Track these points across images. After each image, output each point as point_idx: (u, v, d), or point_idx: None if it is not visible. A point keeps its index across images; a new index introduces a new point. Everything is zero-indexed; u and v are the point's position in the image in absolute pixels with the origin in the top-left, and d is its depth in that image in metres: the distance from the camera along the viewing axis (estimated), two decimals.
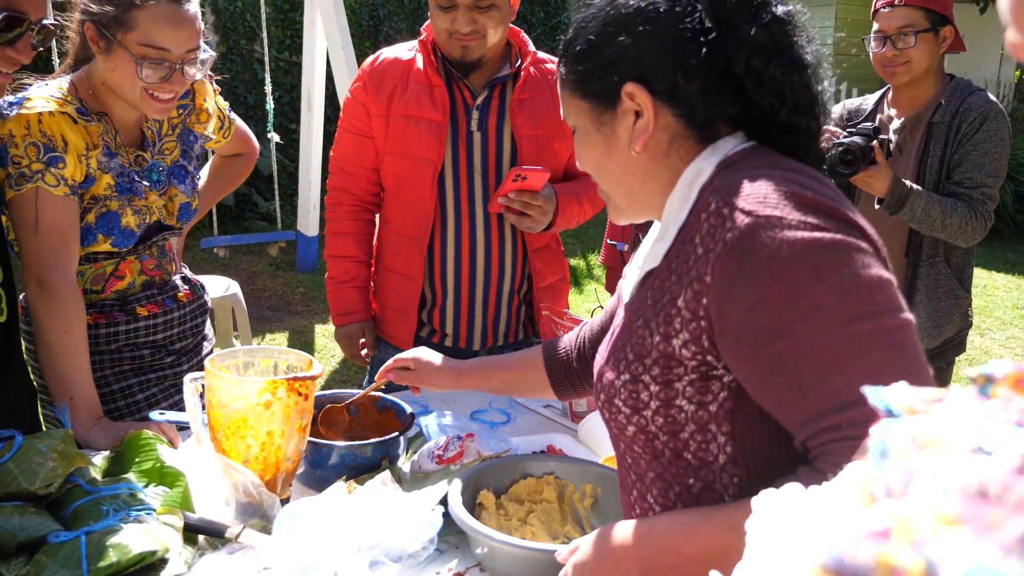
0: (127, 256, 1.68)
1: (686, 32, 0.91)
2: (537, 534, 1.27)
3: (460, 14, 1.81)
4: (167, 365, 1.78)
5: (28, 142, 1.50)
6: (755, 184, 0.85)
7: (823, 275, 0.79)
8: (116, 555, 1.08)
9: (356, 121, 2.00)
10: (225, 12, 7.16)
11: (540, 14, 9.14)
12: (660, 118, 0.94)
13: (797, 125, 0.93)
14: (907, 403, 0.44)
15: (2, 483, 1.17)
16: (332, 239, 2.11)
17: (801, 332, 0.79)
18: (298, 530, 1.14)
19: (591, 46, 0.96)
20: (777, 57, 0.90)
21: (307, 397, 1.31)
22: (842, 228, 0.82)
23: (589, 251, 6.88)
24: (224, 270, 5.63)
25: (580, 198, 2.00)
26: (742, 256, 0.82)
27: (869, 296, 0.79)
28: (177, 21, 1.52)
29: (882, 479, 0.40)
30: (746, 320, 0.82)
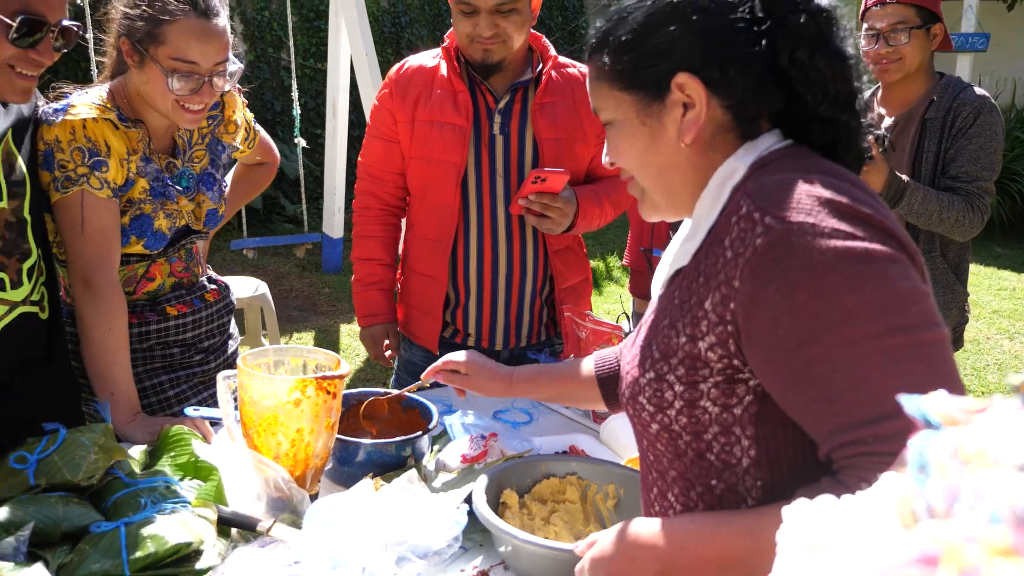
0: (157, 258, 1.74)
1: (739, 21, 0.89)
2: (560, 534, 1.29)
3: (482, 19, 1.84)
4: (196, 363, 1.83)
5: (74, 147, 1.56)
6: (788, 188, 0.83)
7: (855, 285, 0.77)
8: (154, 546, 1.12)
9: (383, 127, 2.04)
10: (253, 21, 7.26)
11: (558, 18, 9.17)
12: (710, 109, 0.92)
13: (838, 120, 0.92)
14: (946, 413, 0.41)
15: (47, 474, 1.22)
16: (359, 242, 2.15)
17: (830, 342, 0.78)
18: (327, 526, 1.18)
19: (637, 36, 0.93)
20: (823, 48, 0.89)
21: (335, 396, 1.35)
22: (878, 237, 0.80)
23: (609, 253, 6.88)
24: (253, 271, 5.71)
25: (601, 200, 2.01)
26: (772, 262, 0.80)
27: (902, 308, 0.77)
28: (206, 35, 1.56)
29: (923, 497, 0.38)
30: (774, 327, 0.81)
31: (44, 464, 1.25)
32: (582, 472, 1.41)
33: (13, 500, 1.19)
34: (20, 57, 1.35)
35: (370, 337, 2.15)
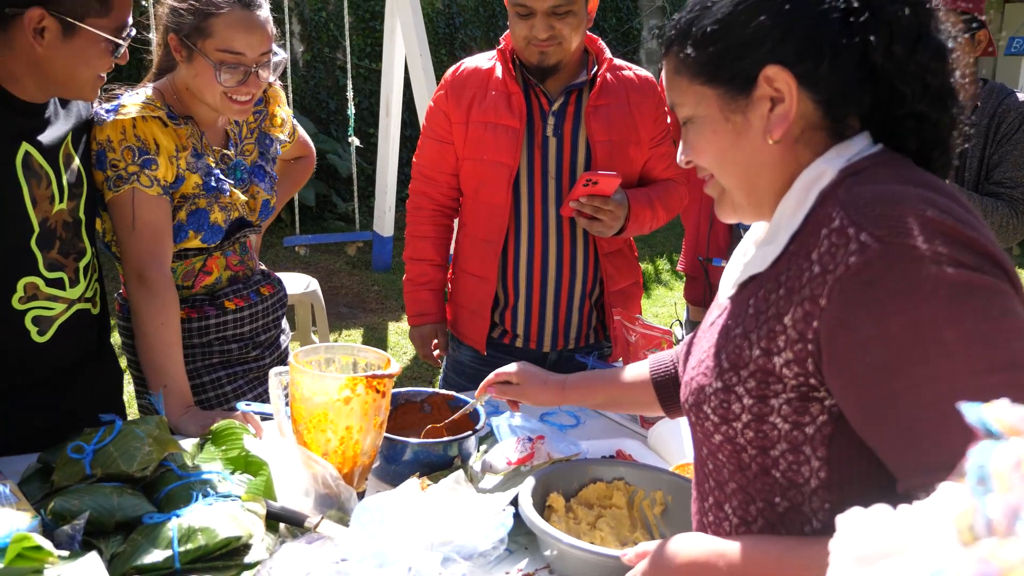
0: (213, 252, 1.78)
1: (832, 12, 0.84)
2: (606, 539, 1.27)
3: (538, 20, 1.85)
4: (252, 359, 1.86)
5: (124, 146, 1.60)
6: (887, 202, 0.78)
7: (956, 317, 0.72)
8: (204, 539, 1.13)
9: (438, 128, 2.05)
10: (311, 22, 7.38)
11: (612, 20, 9.11)
12: (800, 105, 0.87)
13: (934, 119, 0.86)
14: (1009, 422, 0.39)
15: (103, 464, 1.25)
16: (412, 242, 2.16)
17: (922, 375, 0.73)
18: (374, 524, 1.18)
19: (724, 26, 0.88)
20: (923, 41, 0.83)
21: (384, 394, 1.35)
22: (983, 265, 0.75)
23: (658, 256, 6.82)
24: (304, 268, 5.80)
25: (653, 204, 2.00)
26: (866, 284, 0.75)
27: (1006, 345, 0.72)
28: (250, 26, 1.61)
29: (982, 512, 0.37)
30: (861, 352, 0.76)
31: (100, 454, 1.28)
32: (629, 477, 1.39)
33: (70, 489, 1.22)
34: (106, 65, 1.43)
35: (419, 336, 2.16)
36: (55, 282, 1.51)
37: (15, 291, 1.45)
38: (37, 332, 1.50)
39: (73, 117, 1.57)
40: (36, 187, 1.45)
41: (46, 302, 1.50)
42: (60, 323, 1.53)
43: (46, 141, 1.48)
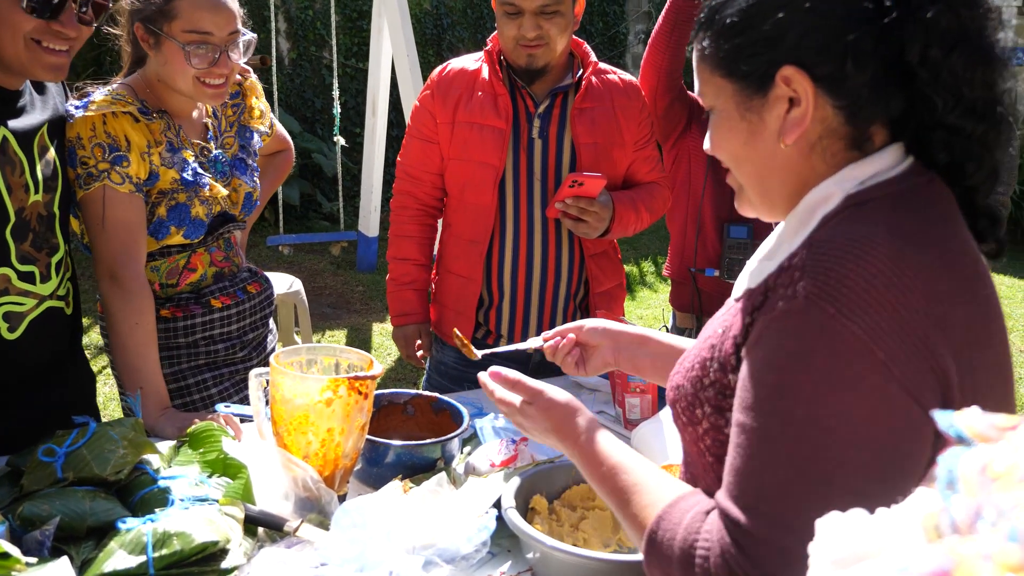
0: (197, 248, 1.75)
1: (860, 11, 0.78)
2: (589, 541, 1.26)
3: (526, 20, 1.85)
4: (239, 360, 1.84)
5: (94, 143, 1.57)
6: (844, 258, 0.74)
7: (815, 402, 0.73)
8: (180, 544, 1.11)
9: (423, 128, 2.04)
10: (297, 20, 7.34)
11: (599, 24, 9.13)
12: (818, 109, 0.82)
13: (967, 130, 0.79)
14: (978, 429, 0.42)
15: (75, 468, 1.22)
16: (395, 241, 2.15)
17: (756, 424, 0.77)
18: (355, 528, 1.16)
19: (746, 19, 0.83)
20: (962, 45, 0.76)
21: (367, 396, 1.33)
22: (889, 348, 0.72)
23: (643, 258, 6.83)
24: (288, 267, 5.75)
25: (637, 206, 2.01)
26: (776, 331, 0.77)
27: (828, 451, 0.73)
28: (215, 5, 1.60)
29: (948, 512, 0.39)
30: (743, 385, 0.79)
31: (72, 457, 1.25)
32: None
33: (40, 493, 1.19)
34: (43, 29, 1.34)
35: (403, 336, 2.14)
36: (26, 276, 1.48)
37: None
38: (7, 328, 1.46)
39: (50, 109, 1.53)
40: (10, 174, 1.42)
41: (17, 297, 1.46)
42: (31, 319, 1.49)
43: (20, 128, 1.44)
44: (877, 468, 0.72)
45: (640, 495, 0.88)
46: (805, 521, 0.69)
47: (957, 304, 0.76)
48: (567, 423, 1.02)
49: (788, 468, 0.73)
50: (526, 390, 1.08)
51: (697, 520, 0.81)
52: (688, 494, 0.86)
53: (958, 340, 0.75)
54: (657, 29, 2.23)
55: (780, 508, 0.73)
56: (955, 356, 0.75)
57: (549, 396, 1.06)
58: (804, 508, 0.72)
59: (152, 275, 1.69)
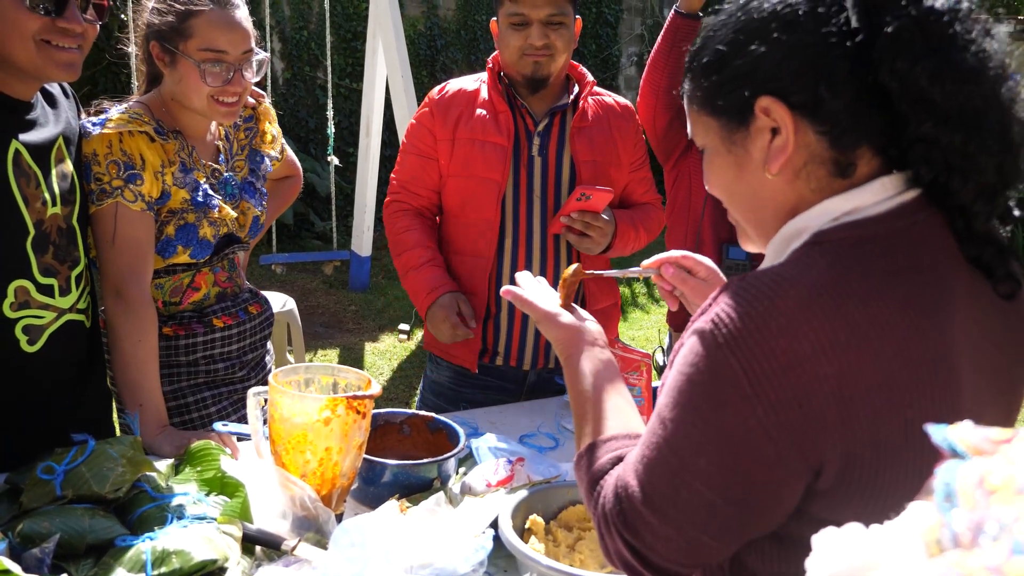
0: (202, 268, 1.76)
1: (830, 36, 0.79)
2: (585, 562, 1.27)
3: (534, 29, 1.89)
4: (238, 379, 1.84)
5: (109, 160, 1.58)
6: (764, 294, 0.76)
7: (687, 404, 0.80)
8: (179, 562, 1.11)
9: (421, 144, 2.04)
10: (291, 40, 7.39)
11: (592, 46, 9.22)
12: (800, 135, 0.82)
13: (949, 143, 0.77)
14: (972, 442, 0.42)
15: (74, 485, 1.22)
16: (396, 239, 2.07)
17: (655, 415, 0.84)
18: (354, 547, 1.16)
19: (720, 57, 0.86)
20: (927, 57, 0.75)
21: (365, 415, 1.34)
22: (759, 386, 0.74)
23: (634, 279, 6.85)
24: (280, 286, 5.76)
25: (637, 225, 2.03)
26: (683, 345, 0.83)
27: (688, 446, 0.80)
28: (230, 24, 1.62)
29: (949, 527, 0.39)
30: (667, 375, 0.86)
31: (71, 475, 1.25)
32: None
33: (39, 511, 1.19)
34: (50, 28, 1.35)
35: (440, 308, 1.93)
36: (46, 288, 1.48)
37: (6, 296, 1.43)
38: (27, 341, 1.47)
39: (63, 122, 1.54)
40: (25, 186, 1.43)
41: (37, 310, 1.47)
42: (50, 332, 1.49)
43: (33, 141, 1.45)
44: (719, 481, 0.78)
45: (590, 423, 0.99)
46: (660, 500, 0.81)
47: (864, 356, 0.74)
48: (568, 345, 1.10)
49: (658, 451, 0.82)
50: (535, 311, 1.17)
51: (610, 462, 0.92)
52: (619, 436, 0.96)
53: (852, 393, 0.74)
54: (656, 48, 2.27)
55: (647, 483, 0.83)
56: (841, 408, 0.74)
57: (558, 320, 1.14)
58: (661, 490, 0.81)
59: (156, 293, 1.70)
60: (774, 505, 0.79)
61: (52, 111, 1.53)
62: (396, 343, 5.27)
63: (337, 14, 7.36)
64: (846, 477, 0.77)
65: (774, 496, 0.79)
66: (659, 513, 0.81)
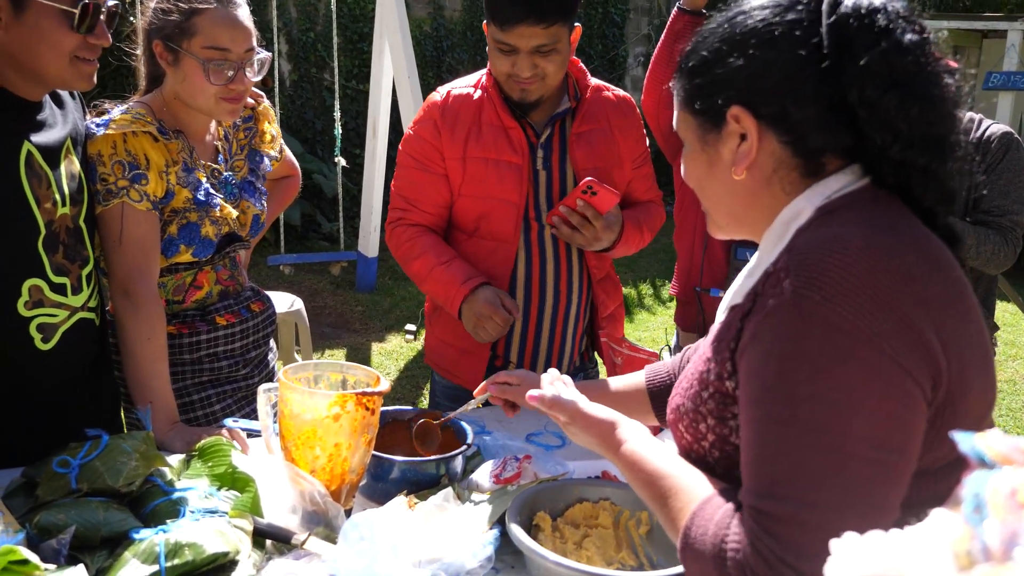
0: (204, 266, 1.78)
1: (802, 57, 0.87)
2: (592, 559, 1.28)
3: (521, 59, 1.79)
4: (241, 377, 1.86)
5: (115, 160, 1.60)
6: (823, 252, 0.81)
7: (815, 380, 0.78)
8: (191, 554, 1.13)
9: (428, 161, 1.95)
10: (298, 42, 7.42)
11: (598, 47, 9.24)
12: (765, 143, 0.91)
13: (913, 163, 0.86)
14: (1001, 452, 0.41)
15: (89, 479, 1.24)
16: (407, 247, 1.95)
17: (764, 415, 0.81)
18: (363, 541, 1.18)
19: (703, 63, 0.94)
20: (895, 88, 0.83)
21: (374, 412, 1.36)
22: (874, 324, 0.77)
23: (642, 280, 6.86)
24: (288, 287, 5.78)
25: (642, 227, 2.00)
26: (770, 326, 0.82)
27: (840, 418, 0.77)
28: (233, 22, 1.64)
29: (980, 539, 0.38)
30: (745, 382, 0.84)
31: (86, 469, 1.27)
32: (615, 498, 1.40)
33: (55, 504, 1.21)
34: (83, 45, 1.39)
35: (485, 304, 1.80)
36: (59, 287, 1.51)
37: (20, 295, 1.45)
38: (41, 339, 1.49)
39: (70, 123, 1.57)
40: (37, 187, 1.45)
41: (51, 309, 1.50)
42: (63, 331, 1.52)
43: (44, 142, 1.48)
44: (881, 434, 0.77)
45: (675, 498, 0.92)
46: (823, 493, 0.75)
47: (931, 284, 0.82)
48: (608, 438, 1.08)
49: (798, 446, 0.78)
50: (564, 410, 1.15)
51: (727, 516, 0.84)
52: (718, 492, 0.89)
53: (936, 315, 0.80)
54: (660, 44, 2.28)
55: (795, 486, 0.78)
56: (935, 330, 0.80)
57: (587, 414, 1.12)
58: (819, 480, 0.77)
59: (159, 292, 1.72)
60: (919, 439, 0.80)
61: (60, 112, 1.55)
62: (403, 343, 5.28)
63: (343, 15, 7.38)
64: (945, 403, 0.81)
65: (920, 433, 0.80)
66: (832, 508, 0.77)
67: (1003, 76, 6.46)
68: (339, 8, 6.73)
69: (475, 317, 1.82)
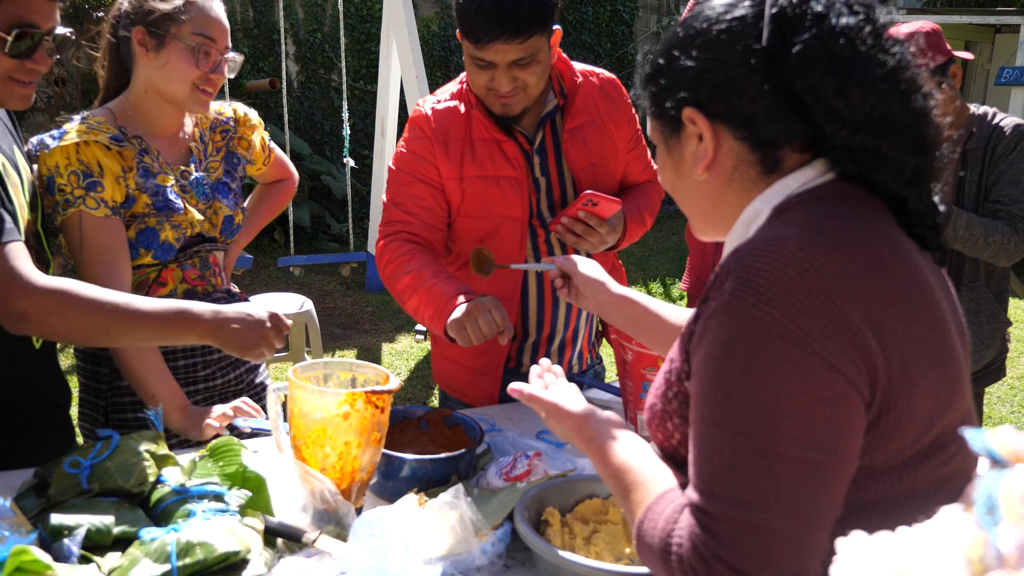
0: (169, 264, 1.77)
1: (745, 51, 0.87)
2: (602, 554, 1.28)
3: (499, 73, 1.71)
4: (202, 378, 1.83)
5: (70, 171, 1.62)
6: (761, 255, 0.81)
7: (747, 381, 0.79)
8: (203, 553, 1.13)
9: (428, 175, 1.86)
10: (305, 43, 7.44)
11: (607, 45, 9.23)
12: (723, 141, 0.92)
13: (863, 146, 0.85)
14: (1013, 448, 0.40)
15: (100, 479, 1.25)
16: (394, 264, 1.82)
17: (702, 415, 0.82)
18: (373, 538, 1.18)
19: (657, 69, 0.96)
20: (832, 72, 0.83)
21: (383, 410, 1.36)
22: (805, 325, 0.77)
23: (652, 279, 6.86)
24: (298, 288, 5.81)
25: (643, 215, 1.97)
26: (712, 327, 0.82)
27: (771, 420, 0.78)
28: (217, 17, 1.71)
29: (993, 544, 0.37)
30: (692, 382, 0.85)
31: (97, 470, 1.28)
32: None
33: (66, 504, 1.22)
34: (18, 68, 1.41)
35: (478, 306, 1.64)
36: None
37: None
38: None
39: (10, 134, 1.58)
40: (16, 195, 1.47)
41: None
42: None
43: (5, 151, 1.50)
44: (811, 435, 0.77)
45: (636, 492, 0.94)
46: (754, 494, 0.76)
47: (869, 282, 0.81)
48: (581, 431, 1.09)
49: (730, 446, 0.79)
50: (541, 405, 1.15)
51: (675, 512, 0.85)
52: (672, 488, 0.91)
53: (873, 314, 0.80)
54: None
55: (731, 487, 0.79)
56: (872, 329, 0.79)
57: (562, 408, 1.13)
58: (750, 481, 0.78)
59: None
60: (855, 438, 0.80)
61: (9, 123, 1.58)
62: (413, 343, 5.29)
63: (351, 16, 7.40)
64: (887, 403, 0.80)
65: (856, 432, 0.80)
66: (761, 509, 0.77)
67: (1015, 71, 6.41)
68: (346, 8, 6.75)
69: (467, 313, 1.64)
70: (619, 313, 1.48)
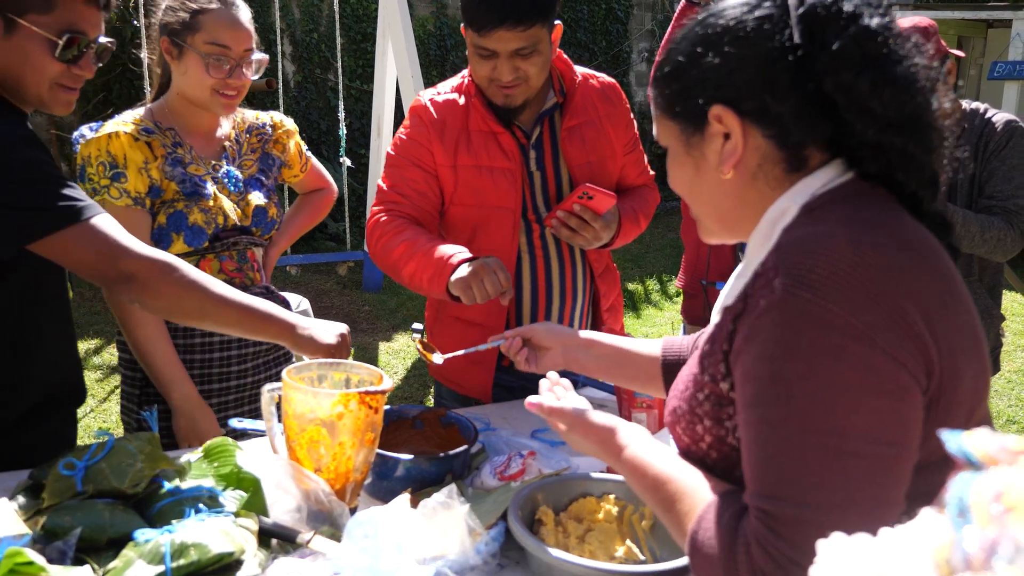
0: (206, 254, 1.82)
1: (775, 50, 0.87)
2: (595, 553, 1.28)
3: (501, 63, 1.75)
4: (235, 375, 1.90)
5: (99, 161, 1.74)
6: (810, 250, 0.81)
7: (810, 377, 0.78)
8: (197, 554, 1.13)
9: (422, 161, 1.89)
10: (302, 43, 7.44)
11: (602, 43, 9.23)
12: (750, 139, 0.91)
13: (891, 145, 0.87)
14: (988, 452, 0.40)
15: (94, 481, 1.25)
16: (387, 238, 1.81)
17: (762, 417, 0.81)
18: (367, 539, 1.19)
19: (678, 67, 0.95)
20: (867, 70, 0.84)
21: (377, 410, 1.36)
22: (865, 319, 0.77)
23: (648, 276, 6.86)
24: (295, 287, 5.81)
25: (638, 216, 1.99)
26: (763, 326, 0.82)
27: (840, 416, 0.77)
28: (234, 23, 1.77)
29: (961, 547, 0.37)
30: (742, 384, 0.84)
31: (92, 471, 1.28)
32: (619, 492, 1.40)
33: (61, 506, 1.22)
34: (65, 73, 1.45)
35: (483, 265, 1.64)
36: None
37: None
38: None
39: None
40: None
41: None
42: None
43: None
44: (878, 429, 0.77)
45: (680, 502, 0.92)
46: (825, 492, 0.75)
47: (917, 276, 0.82)
48: (608, 444, 1.08)
49: (796, 446, 0.78)
50: (564, 418, 1.15)
51: (733, 519, 0.84)
52: (723, 495, 0.89)
53: (924, 307, 0.81)
54: (666, 37, 2.30)
55: (797, 487, 0.78)
56: (925, 321, 0.80)
57: (587, 421, 1.12)
58: (819, 480, 0.76)
59: None
60: (917, 433, 0.80)
61: None
62: (410, 342, 5.29)
63: (347, 16, 7.40)
64: (937, 395, 0.81)
65: (918, 424, 0.80)
66: (836, 508, 0.76)
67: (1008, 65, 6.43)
68: (342, 8, 6.75)
69: (473, 273, 1.64)
70: (588, 355, 1.44)
